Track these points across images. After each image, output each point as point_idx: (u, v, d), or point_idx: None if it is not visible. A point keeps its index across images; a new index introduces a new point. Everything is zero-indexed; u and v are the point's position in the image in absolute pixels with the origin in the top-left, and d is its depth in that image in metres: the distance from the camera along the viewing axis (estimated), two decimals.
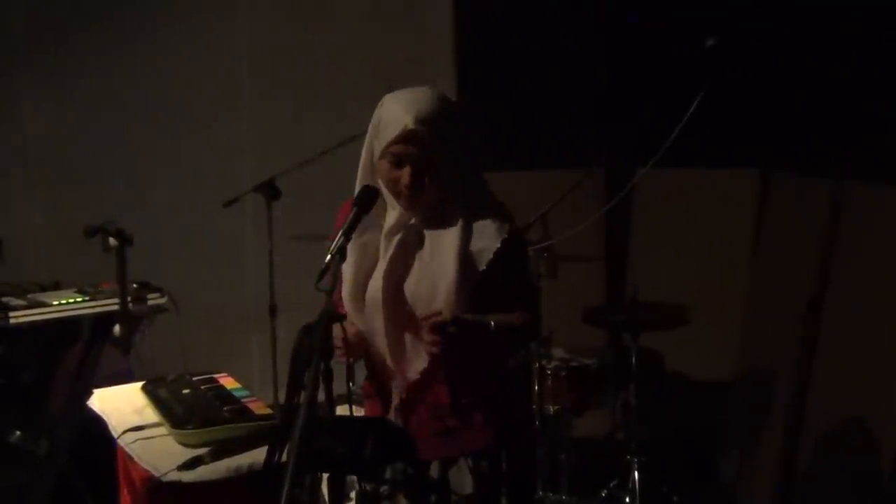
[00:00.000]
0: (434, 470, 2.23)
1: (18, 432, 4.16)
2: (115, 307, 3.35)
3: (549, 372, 3.59)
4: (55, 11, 4.24)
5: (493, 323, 2.12)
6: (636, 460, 3.61)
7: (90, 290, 3.51)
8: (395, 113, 2.09)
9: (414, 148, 2.08)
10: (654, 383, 3.86)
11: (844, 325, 3.52)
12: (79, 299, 3.42)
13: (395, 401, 2.26)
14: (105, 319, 3.40)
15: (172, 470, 2.00)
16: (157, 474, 2.01)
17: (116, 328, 3.34)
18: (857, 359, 3.46)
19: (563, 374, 3.59)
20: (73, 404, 3.44)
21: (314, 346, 1.89)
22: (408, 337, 2.21)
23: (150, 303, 3.50)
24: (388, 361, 2.24)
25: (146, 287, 3.55)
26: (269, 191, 3.90)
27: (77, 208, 3.98)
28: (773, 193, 4.13)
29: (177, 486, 1.97)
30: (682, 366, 4.24)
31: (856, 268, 3.50)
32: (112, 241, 3.24)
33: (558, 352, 3.76)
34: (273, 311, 3.96)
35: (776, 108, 3.89)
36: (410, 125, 2.06)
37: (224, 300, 4.37)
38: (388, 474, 2.07)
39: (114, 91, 4.28)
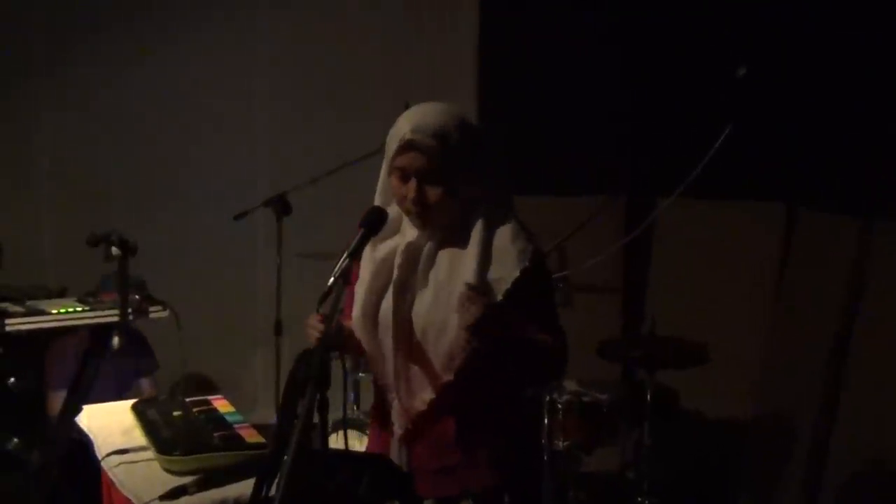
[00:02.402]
0: None
1: (16, 439, 4.08)
2: (115, 318, 3.26)
3: (560, 406, 3.47)
4: (73, 25, 4.24)
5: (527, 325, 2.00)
6: (647, 502, 3.48)
7: (91, 301, 3.42)
8: (399, 126, 2.04)
9: (415, 158, 2.00)
10: (668, 422, 3.73)
11: (870, 366, 3.39)
12: (78, 309, 3.33)
13: (398, 432, 2.13)
14: (103, 330, 3.31)
15: (154, 500, 1.88)
16: (136, 502, 1.90)
17: (115, 340, 3.25)
18: (883, 402, 3.33)
19: (575, 409, 3.47)
20: (68, 416, 3.35)
21: (310, 375, 1.78)
22: (417, 366, 2.10)
23: (151, 315, 3.40)
24: (393, 389, 2.12)
25: (148, 299, 3.45)
26: (280, 206, 3.83)
27: (87, 218, 3.91)
28: (799, 229, 4.01)
29: None
30: (698, 404, 4.10)
31: (883, 308, 3.37)
32: (115, 250, 3.16)
33: (570, 385, 3.63)
34: (279, 327, 3.88)
35: (804, 142, 3.78)
36: (408, 135, 1.99)
37: (230, 315, 4.32)
38: None
39: (128, 103, 4.27)
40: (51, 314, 3.27)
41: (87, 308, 3.35)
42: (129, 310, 3.27)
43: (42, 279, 3.88)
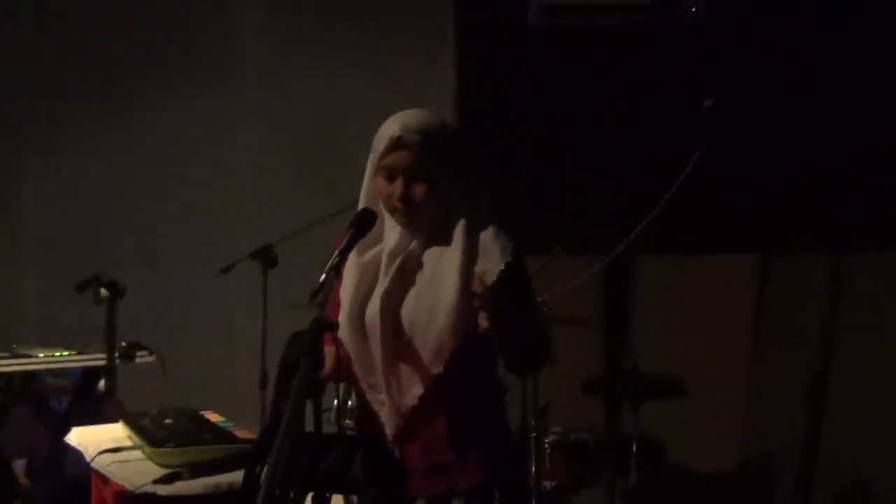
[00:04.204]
0: None
1: None
2: (102, 362, 3.28)
3: (546, 445, 3.47)
4: (62, 82, 4.34)
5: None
6: None
7: (77, 347, 3.45)
8: (385, 127, 2.11)
9: (402, 156, 2.07)
10: (655, 471, 3.72)
11: (851, 401, 3.43)
12: (65, 353, 3.36)
13: (390, 432, 2.15)
14: (90, 374, 3.33)
15: (148, 484, 1.89)
16: (130, 488, 1.90)
17: (101, 383, 3.27)
18: (865, 436, 3.36)
19: (561, 447, 3.47)
20: (54, 461, 3.33)
21: (303, 352, 1.82)
22: (405, 364, 2.13)
23: (137, 360, 3.43)
24: (383, 389, 2.15)
25: (136, 346, 3.48)
26: (266, 258, 3.88)
27: (72, 272, 3.93)
28: (773, 276, 4.10)
29: (151, 499, 1.86)
30: (684, 453, 4.09)
31: (860, 341, 3.44)
32: (104, 291, 3.21)
33: (555, 428, 3.64)
34: (263, 381, 3.86)
35: (772, 192, 3.91)
36: (397, 133, 2.07)
37: (214, 368, 4.28)
38: None
39: (114, 154, 4.33)
40: (38, 358, 3.29)
41: (73, 352, 3.38)
42: (116, 354, 3.30)
43: (25, 333, 3.88)
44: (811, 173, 3.63)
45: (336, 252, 2.02)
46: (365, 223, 2.12)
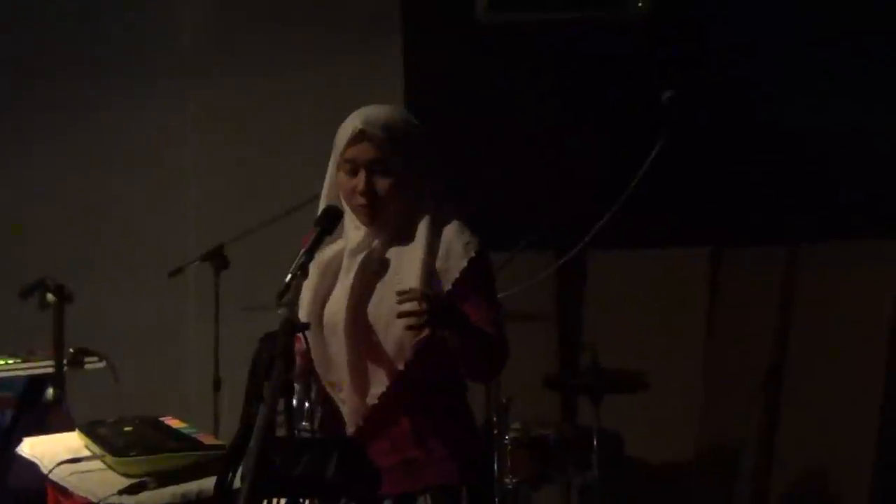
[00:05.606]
0: None
1: None
2: (49, 370, 3.16)
3: (507, 442, 3.45)
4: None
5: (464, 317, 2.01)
6: None
7: (23, 355, 3.33)
8: (348, 121, 2.09)
9: (365, 149, 2.05)
10: (613, 465, 3.73)
11: (807, 392, 3.48)
12: (10, 361, 3.24)
13: (351, 430, 2.11)
14: (36, 382, 3.21)
15: (113, 494, 1.81)
16: (94, 500, 1.82)
17: (49, 391, 3.15)
18: (821, 426, 3.40)
19: (523, 444, 3.46)
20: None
21: (276, 353, 1.77)
22: (368, 361, 2.10)
23: (87, 367, 3.31)
24: (346, 387, 2.11)
25: (84, 352, 3.36)
26: (218, 260, 3.80)
27: (15, 278, 3.80)
28: (725, 269, 4.14)
29: None
30: (641, 447, 4.12)
31: (815, 332, 3.49)
32: (50, 297, 3.09)
33: (515, 424, 3.63)
34: (217, 385, 3.79)
35: (725, 183, 3.95)
36: (360, 126, 2.05)
37: (167, 372, 4.19)
38: None
39: (57, 155, 4.21)
40: None
41: (19, 360, 3.25)
42: (64, 361, 3.18)
43: None
44: (762, 165, 3.68)
45: (302, 252, 1.98)
46: (330, 221, 2.09)
